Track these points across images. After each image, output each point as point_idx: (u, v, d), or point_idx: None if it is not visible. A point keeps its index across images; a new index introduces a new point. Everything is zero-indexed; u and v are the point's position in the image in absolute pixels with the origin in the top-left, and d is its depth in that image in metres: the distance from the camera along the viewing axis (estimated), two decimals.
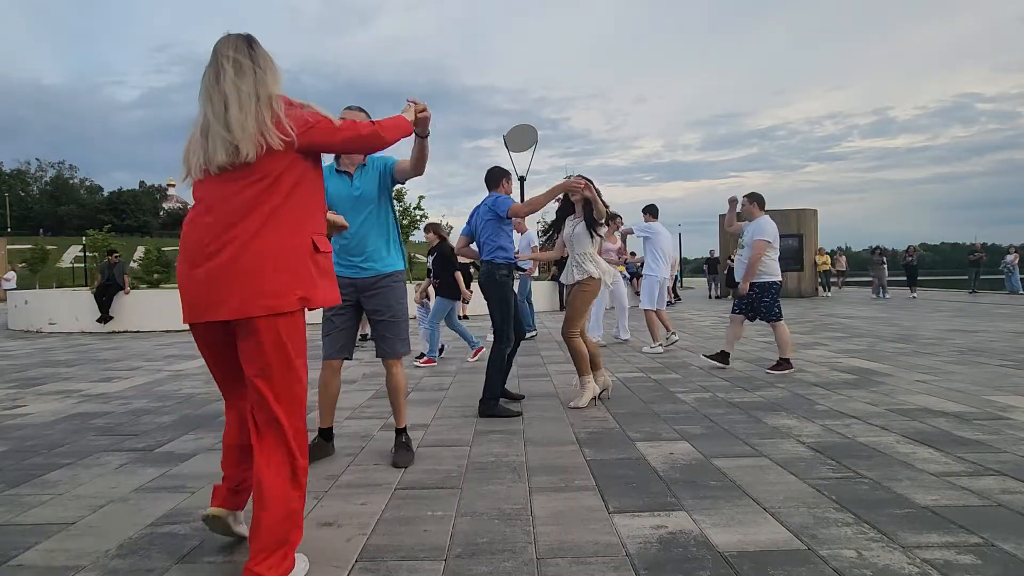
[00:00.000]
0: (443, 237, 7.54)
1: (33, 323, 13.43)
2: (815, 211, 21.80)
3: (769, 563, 2.13)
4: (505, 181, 4.73)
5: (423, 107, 2.67)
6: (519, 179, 17.25)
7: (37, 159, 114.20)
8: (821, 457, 3.31)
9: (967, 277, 22.10)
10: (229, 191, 1.99)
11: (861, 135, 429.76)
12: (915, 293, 20.11)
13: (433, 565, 2.18)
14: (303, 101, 2.13)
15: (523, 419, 4.35)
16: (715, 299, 21.61)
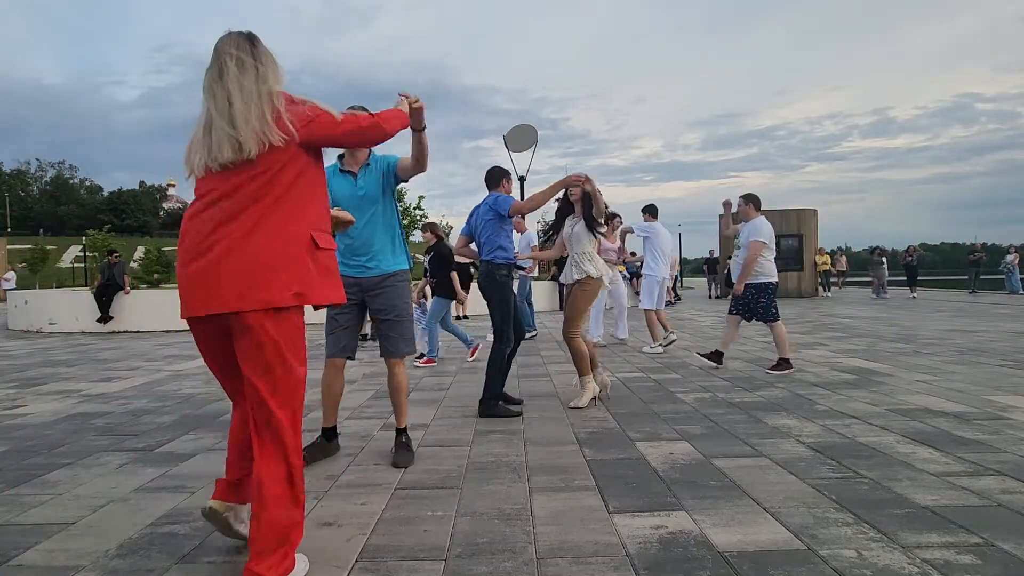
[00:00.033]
0: (440, 236, 7.53)
1: (33, 323, 13.43)
2: (815, 211, 21.80)
3: (769, 563, 2.13)
4: (505, 181, 4.72)
5: (415, 99, 2.66)
6: (519, 179, 17.26)
7: (37, 159, 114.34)
8: (821, 457, 3.31)
9: (967, 277, 22.10)
10: (228, 186, 1.99)
11: (861, 135, 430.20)
12: (915, 293, 20.11)
13: (433, 565, 2.18)
14: (304, 97, 2.13)
15: (523, 419, 4.35)
16: (715, 299, 21.61)
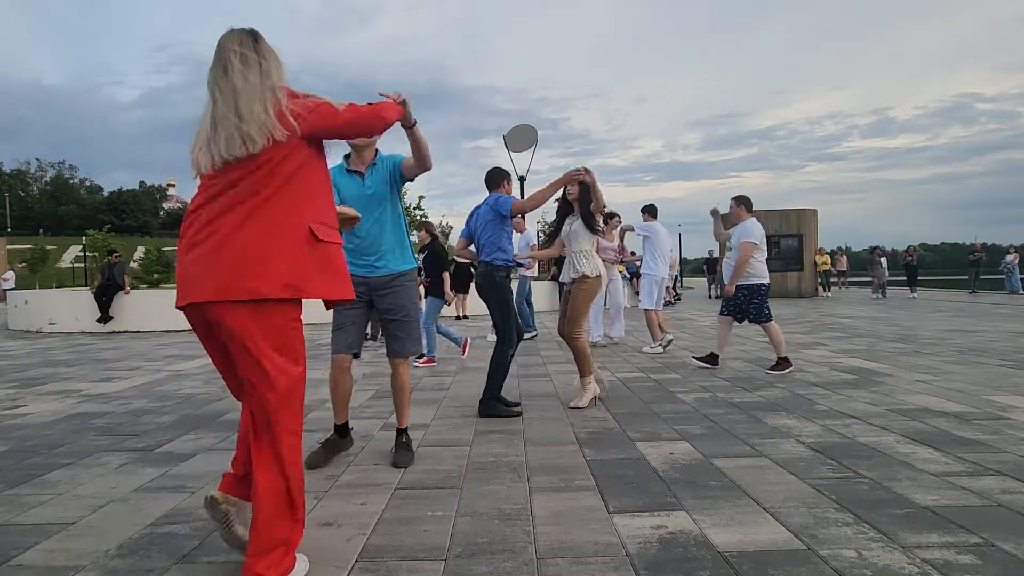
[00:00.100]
0: (435, 236, 7.54)
1: (33, 323, 13.43)
2: (815, 211, 21.80)
3: (769, 563, 2.13)
4: (505, 182, 4.71)
5: (398, 95, 2.66)
6: (519, 179, 17.26)
7: (37, 159, 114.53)
8: (821, 457, 3.31)
9: (967, 277, 22.11)
10: (229, 180, 1.99)
11: (861, 135, 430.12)
12: (915, 293, 20.12)
13: (433, 565, 2.18)
14: (307, 92, 2.14)
15: (523, 419, 4.35)
16: (715, 299, 21.60)
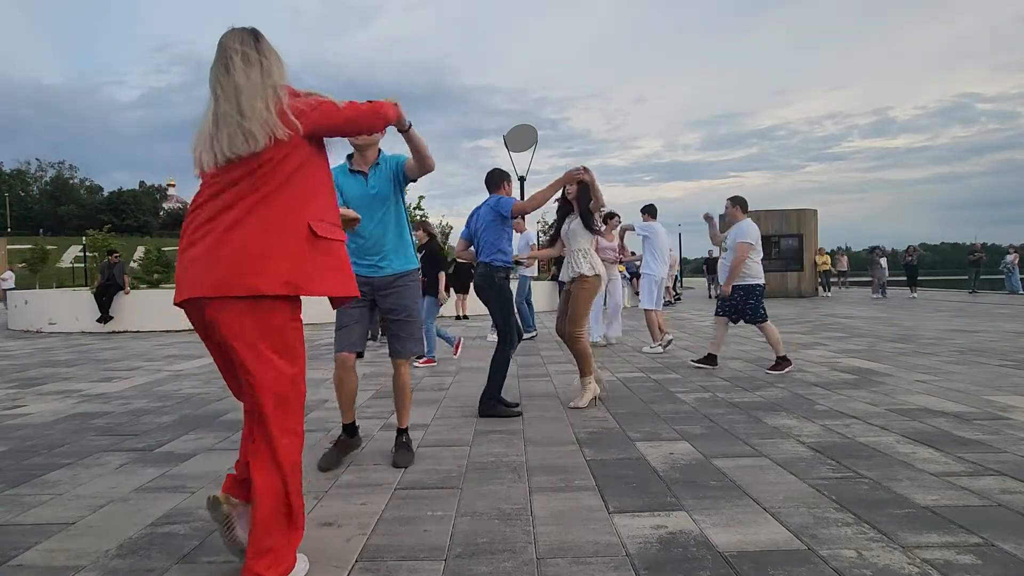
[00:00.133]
0: (432, 235, 7.53)
1: (33, 323, 13.43)
2: (815, 211, 21.80)
3: (769, 563, 2.13)
4: (506, 183, 4.71)
5: (389, 99, 2.65)
6: (519, 179, 17.26)
7: (37, 159, 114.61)
8: (821, 457, 3.31)
9: (967, 277, 22.11)
10: (230, 178, 1.99)
11: (861, 135, 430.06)
12: (915, 293, 20.12)
13: (433, 565, 2.18)
14: (310, 90, 2.14)
15: (523, 419, 4.35)
16: (715, 299, 21.60)
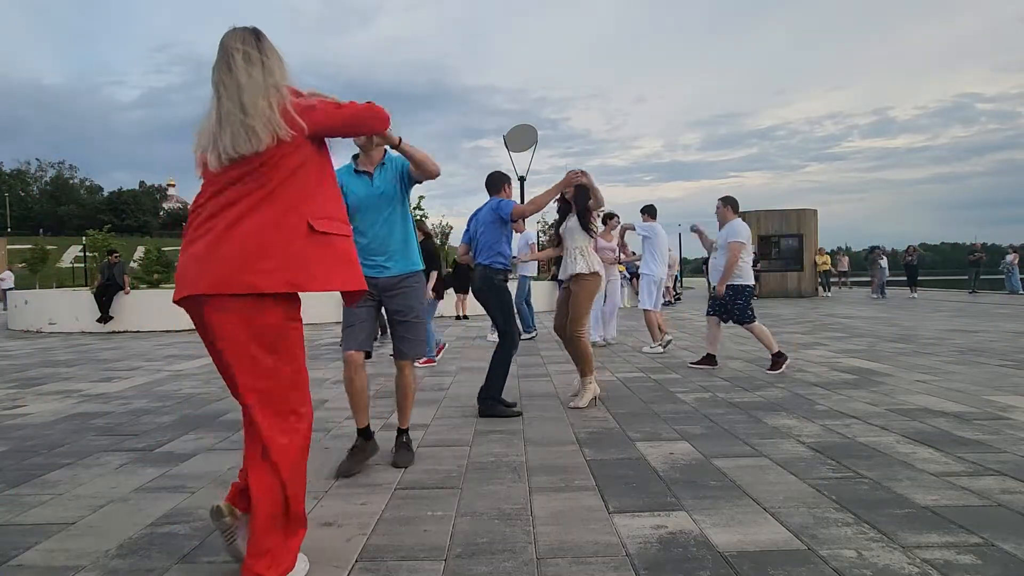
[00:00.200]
0: (428, 234, 7.54)
1: (33, 323, 13.43)
2: (815, 211, 21.81)
3: (769, 563, 2.13)
4: (506, 186, 4.71)
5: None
6: (519, 179, 17.26)
7: (37, 159, 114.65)
8: (821, 457, 3.31)
9: (967, 277, 22.11)
10: (232, 176, 1.99)
11: (861, 135, 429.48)
12: (915, 293, 20.12)
13: (433, 565, 2.18)
14: (312, 90, 2.15)
15: (523, 419, 4.35)
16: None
